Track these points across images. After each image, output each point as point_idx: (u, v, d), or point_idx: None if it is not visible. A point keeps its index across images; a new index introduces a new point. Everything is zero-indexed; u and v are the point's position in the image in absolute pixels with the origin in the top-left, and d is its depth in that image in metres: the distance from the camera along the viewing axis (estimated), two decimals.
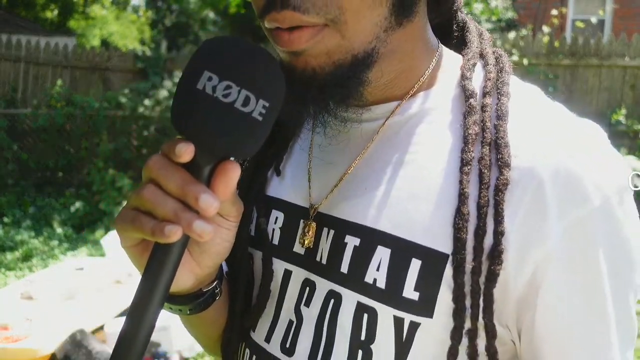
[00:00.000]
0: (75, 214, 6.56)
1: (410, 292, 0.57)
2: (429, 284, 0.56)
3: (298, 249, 0.65)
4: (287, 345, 0.65)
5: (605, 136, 0.59)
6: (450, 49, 0.67)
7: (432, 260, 0.56)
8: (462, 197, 0.55)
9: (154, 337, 3.00)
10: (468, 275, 0.55)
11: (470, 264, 0.55)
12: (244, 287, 0.69)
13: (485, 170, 0.56)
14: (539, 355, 0.57)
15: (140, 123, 7.22)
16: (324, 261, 0.63)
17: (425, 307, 0.57)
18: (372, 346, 0.60)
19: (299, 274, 0.65)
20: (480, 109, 0.59)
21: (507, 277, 0.55)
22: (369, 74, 0.58)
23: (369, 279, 0.59)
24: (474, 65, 0.63)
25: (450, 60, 0.65)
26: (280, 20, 0.54)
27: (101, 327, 3.04)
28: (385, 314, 0.58)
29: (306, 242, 0.64)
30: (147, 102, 7.20)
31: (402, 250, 0.58)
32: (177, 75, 7.58)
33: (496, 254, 0.54)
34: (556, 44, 6.47)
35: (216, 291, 0.66)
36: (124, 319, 0.57)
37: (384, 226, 0.59)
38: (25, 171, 7.35)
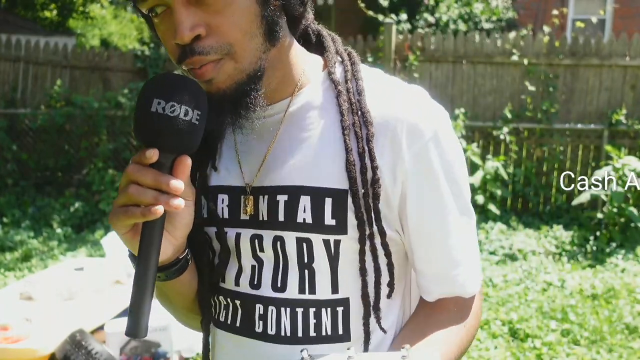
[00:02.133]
0: (75, 214, 6.56)
1: (329, 220, 0.85)
2: (339, 212, 0.85)
3: (243, 217, 0.90)
4: (255, 283, 0.90)
5: (427, 94, 0.90)
6: (311, 50, 0.94)
7: (338, 196, 0.85)
8: (347, 150, 0.84)
9: (154, 337, 2.99)
10: (361, 199, 0.84)
11: (361, 191, 0.84)
12: (207, 254, 0.94)
13: (358, 130, 0.84)
14: (412, 240, 0.89)
15: None
16: (265, 218, 0.88)
17: (341, 228, 0.85)
18: (313, 265, 0.87)
19: (246, 233, 0.90)
20: (346, 91, 0.87)
21: (388, 193, 0.86)
22: (260, 83, 0.83)
23: (300, 219, 0.86)
24: (335, 63, 0.91)
25: (317, 63, 0.93)
26: (192, 64, 0.79)
27: (101, 327, 3.03)
28: (317, 240, 0.86)
29: (249, 210, 0.89)
30: None
31: (318, 194, 0.85)
32: None
33: (375, 180, 0.84)
34: (556, 43, 6.46)
35: (188, 257, 0.90)
36: (123, 319, 0.59)
37: (302, 181, 0.86)
38: (25, 171, 7.34)
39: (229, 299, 0.94)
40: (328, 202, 0.85)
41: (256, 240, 0.90)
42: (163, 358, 3.01)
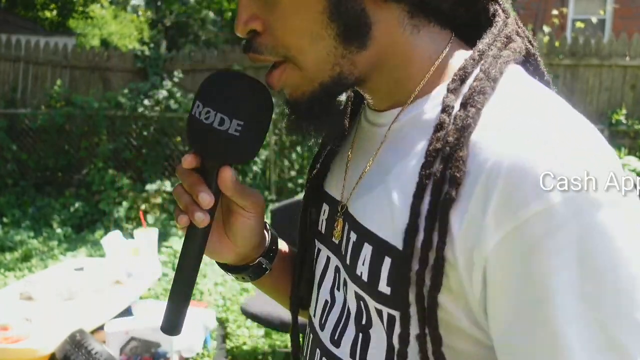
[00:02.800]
0: (75, 214, 6.56)
1: (383, 286, 0.61)
2: (397, 280, 0.60)
3: (335, 239, 0.73)
4: (322, 322, 0.74)
5: (594, 138, 0.54)
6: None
7: (399, 259, 0.60)
8: (412, 212, 0.58)
9: (154, 338, 2.99)
10: (414, 283, 0.57)
11: (414, 276, 0.57)
12: (298, 265, 0.83)
13: (436, 187, 0.56)
14: (498, 355, 0.57)
15: (139, 123, 7.22)
16: (343, 252, 0.70)
17: (397, 301, 0.60)
18: (370, 330, 0.65)
19: (334, 261, 0.74)
20: (451, 122, 0.58)
21: (461, 279, 0.55)
22: (366, 88, 0.68)
23: (358, 271, 0.65)
24: (467, 72, 0.61)
25: (455, 64, 0.64)
26: (252, 60, 0.67)
27: (101, 327, 3.03)
28: (371, 305, 0.64)
29: (336, 234, 0.72)
30: (146, 102, 7.19)
31: (380, 247, 0.62)
32: (177, 75, 7.57)
33: (438, 266, 0.55)
34: (556, 43, 6.46)
35: (263, 266, 0.81)
36: (124, 319, 0.59)
37: (371, 225, 0.64)
38: (25, 171, 7.34)
39: (309, 328, 0.79)
40: (387, 262, 0.61)
41: (338, 275, 0.73)
42: (163, 358, 3.01)
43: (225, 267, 0.83)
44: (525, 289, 0.51)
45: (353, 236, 0.67)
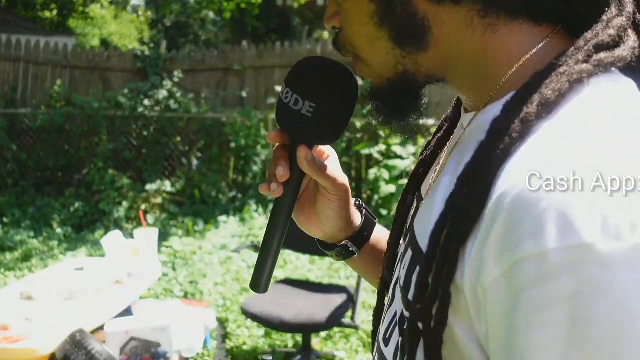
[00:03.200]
0: (75, 214, 6.56)
1: (412, 294, 0.57)
2: (415, 299, 0.56)
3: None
4: (384, 317, 0.73)
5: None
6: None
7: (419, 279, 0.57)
8: (431, 241, 0.54)
9: (154, 338, 3.00)
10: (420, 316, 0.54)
11: (424, 307, 0.53)
12: (386, 250, 0.81)
13: (454, 219, 0.52)
14: None
15: (140, 123, 7.22)
16: None
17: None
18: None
19: (402, 256, 0.70)
20: (489, 145, 0.53)
21: (469, 311, 0.52)
22: (451, 87, 0.65)
23: (399, 273, 0.65)
24: (526, 93, 0.53)
25: (544, 64, 0.55)
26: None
27: (101, 327, 3.04)
28: (405, 311, 0.61)
29: None
30: (146, 102, 7.20)
31: (416, 256, 0.61)
32: (177, 75, 7.57)
33: (444, 304, 0.51)
34: None
35: (350, 249, 0.85)
36: (124, 319, 0.59)
37: (417, 232, 0.63)
38: (25, 171, 7.35)
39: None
40: (417, 271, 0.57)
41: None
42: (163, 358, 3.01)
43: (318, 242, 0.88)
44: (509, 335, 0.47)
45: (407, 237, 0.67)
